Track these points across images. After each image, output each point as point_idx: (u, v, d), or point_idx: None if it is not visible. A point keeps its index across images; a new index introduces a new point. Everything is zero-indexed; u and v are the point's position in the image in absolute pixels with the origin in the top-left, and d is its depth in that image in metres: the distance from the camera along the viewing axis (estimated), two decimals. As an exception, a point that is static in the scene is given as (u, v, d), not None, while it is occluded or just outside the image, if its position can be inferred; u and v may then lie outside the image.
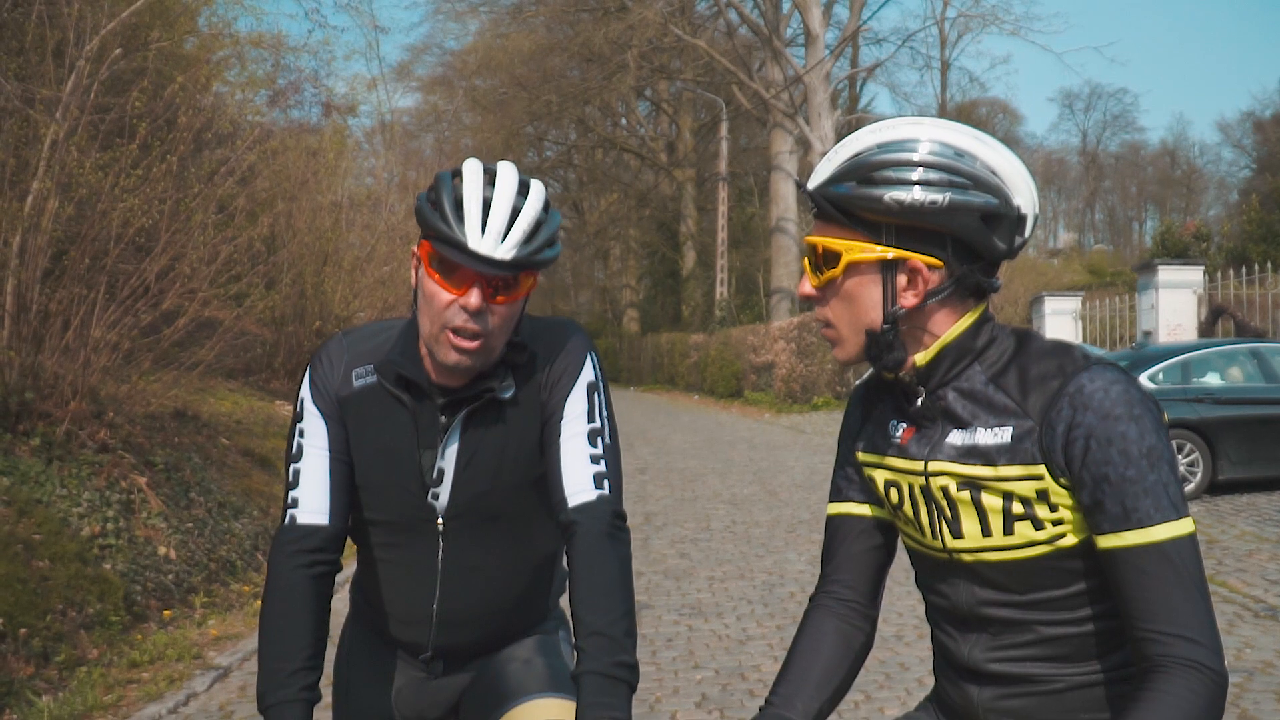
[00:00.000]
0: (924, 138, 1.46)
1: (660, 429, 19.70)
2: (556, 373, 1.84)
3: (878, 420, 1.62)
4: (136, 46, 9.17)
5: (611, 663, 1.62)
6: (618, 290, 47.80)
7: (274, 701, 1.69)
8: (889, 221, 1.44)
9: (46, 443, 6.80)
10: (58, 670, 5.15)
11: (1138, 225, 71.72)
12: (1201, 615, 1.37)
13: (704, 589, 7.11)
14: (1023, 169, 1.50)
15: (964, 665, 1.55)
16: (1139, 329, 18.89)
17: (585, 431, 1.80)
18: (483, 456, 1.83)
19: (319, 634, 1.76)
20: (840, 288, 1.50)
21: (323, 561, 1.79)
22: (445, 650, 1.93)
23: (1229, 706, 4.62)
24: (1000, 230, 1.46)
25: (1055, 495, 1.42)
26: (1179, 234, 32.65)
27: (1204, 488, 10.27)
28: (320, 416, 1.84)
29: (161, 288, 7.97)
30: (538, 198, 1.75)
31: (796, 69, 28.65)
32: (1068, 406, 1.39)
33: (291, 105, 16.90)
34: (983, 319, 1.51)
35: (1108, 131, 71.53)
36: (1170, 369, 10.82)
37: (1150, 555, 1.36)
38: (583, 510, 1.74)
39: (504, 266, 1.69)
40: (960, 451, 1.48)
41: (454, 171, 1.76)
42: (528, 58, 36.66)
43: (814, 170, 1.53)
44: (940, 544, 1.52)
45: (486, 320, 1.71)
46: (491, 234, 1.68)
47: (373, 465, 1.84)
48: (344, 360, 1.86)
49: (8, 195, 7.07)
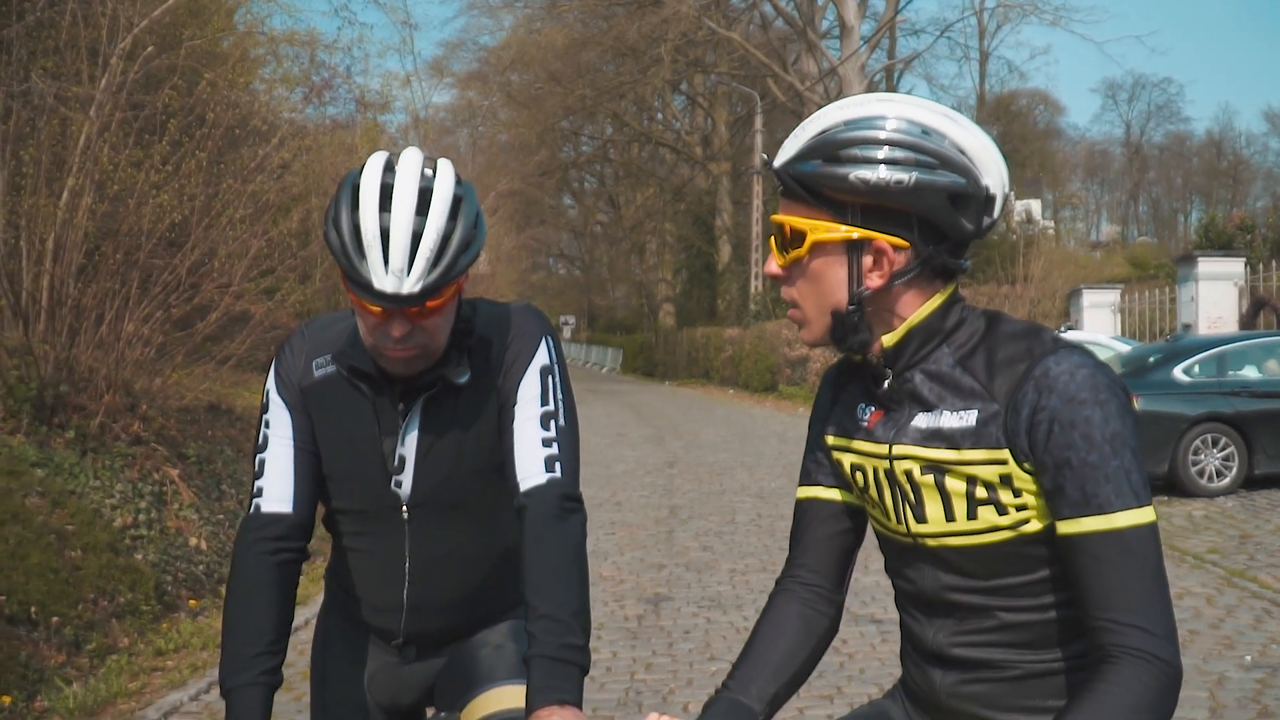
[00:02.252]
0: (891, 115, 1.43)
1: (692, 423, 19.70)
2: (511, 357, 1.83)
3: (846, 403, 1.61)
4: (170, 45, 9.30)
5: (559, 645, 1.61)
6: (653, 284, 47.76)
7: (233, 685, 1.71)
8: (855, 201, 1.42)
9: (81, 435, 6.93)
10: (89, 658, 5.26)
11: (1182, 217, 70.55)
12: (1157, 605, 1.34)
13: (725, 581, 7.12)
14: (993, 148, 1.47)
15: (929, 650, 1.54)
16: (1179, 322, 18.62)
17: (538, 415, 1.79)
18: (443, 443, 1.83)
19: (281, 620, 1.78)
20: (806, 268, 1.48)
21: (286, 549, 1.80)
22: (417, 636, 1.95)
23: (1249, 702, 4.58)
24: (968, 211, 1.43)
25: (1019, 480, 1.39)
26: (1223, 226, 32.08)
27: (1239, 482, 10.11)
28: (284, 407, 1.86)
29: (193, 282, 8.09)
30: (442, 202, 1.68)
31: (831, 61, 28.51)
32: (1033, 390, 1.37)
33: (326, 102, 17.04)
34: (952, 300, 1.49)
35: (1152, 122, 70.49)
36: (1206, 362, 10.66)
37: (1109, 542, 1.34)
38: (532, 494, 1.73)
39: (414, 299, 1.66)
40: (925, 435, 1.46)
41: (353, 182, 1.70)
42: (562, 52, 36.71)
43: (781, 147, 1.50)
44: (905, 528, 1.51)
45: (417, 336, 1.71)
46: (395, 271, 1.64)
47: (337, 454, 1.86)
48: (305, 350, 1.88)
49: (43, 192, 7.21)
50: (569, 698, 1.59)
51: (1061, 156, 64.49)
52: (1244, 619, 5.89)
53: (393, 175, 1.68)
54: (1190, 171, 69.95)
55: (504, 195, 32.09)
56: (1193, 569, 7.12)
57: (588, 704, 4.84)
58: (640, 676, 5.21)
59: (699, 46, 35.85)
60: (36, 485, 6.15)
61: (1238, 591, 6.51)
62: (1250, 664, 5.09)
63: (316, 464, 1.86)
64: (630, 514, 9.94)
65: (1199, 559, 7.40)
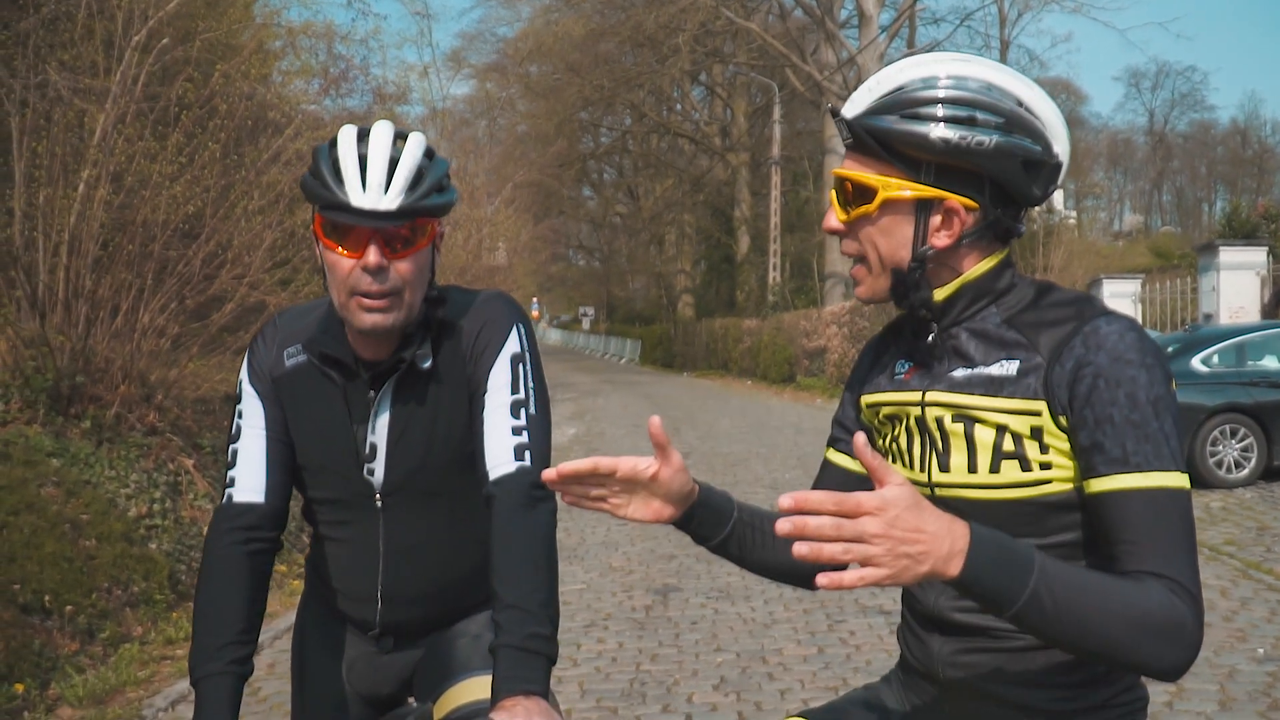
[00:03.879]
0: (970, 75, 1.43)
1: (709, 414, 19.68)
2: (482, 343, 1.82)
3: (885, 364, 1.62)
4: (186, 37, 9.34)
5: (525, 635, 1.60)
6: (672, 276, 47.71)
7: (203, 674, 1.71)
8: (930, 159, 1.42)
9: (96, 425, 6.99)
10: (102, 647, 5.30)
11: (1207, 207, 69.96)
12: (1191, 567, 1.33)
13: (734, 572, 7.08)
14: (1060, 116, 1.47)
15: (928, 614, 1.53)
16: (1200, 311, 18.46)
17: (508, 403, 1.77)
18: (413, 430, 1.83)
19: (252, 609, 1.78)
20: (873, 223, 1.47)
21: (258, 539, 1.81)
22: (393, 627, 1.95)
23: (1260, 695, 4.54)
24: (1039, 177, 1.44)
25: (1049, 435, 1.39)
26: (1248, 215, 31.75)
27: (1259, 473, 10.01)
28: (257, 397, 1.86)
29: (208, 273, 8.14)
30: (416, 145, 1.75)
31: (850, 51, 28.35)
32: (1080, 345, 1.38)
33: (343, 94, 17.09)
34: (1005, 263, 1.50)
35: (1176, 110, 69.93)
36: (1225, 351, 10.56)
37: (1145, 500, 1.33)
38: (501, 483, 1.71)
39: (392, 217, 1.68)
40: (959, 382, 1.47)
41: (330, 141, 1.75)
42: (580, 43, 36.67)
43: (851, 98, 1.49)
44: (926, 478, 1.50)
45: (390, 276, 1.71)
46: (373, 187, 1.68)
47: (310, 443, 1.86)
48: (276, 340, 1.89)
49: (59, 184, 7.26)
50: (535, 688, 1.57)
51: (1084, 145, 63.92)
52: (1258, 612, 5.84)
53: (369, 129, 1.75)
54: (1215, 160, 69.33)
55: (522, 186, 32.12)
56: (1209, 560, 7.06)
57: (592, 694, 4.87)
58: (646, 667, 5.21)
59: (717, 37, 35.74)
60: (52, 475, 6.21)
61: (1253, 584, 6.46)
62: (1263, 657, 5.05)
63: (290, 454, 1.86)
64: (644, 505, 9.90)
65: (1215, 550, 7.34)
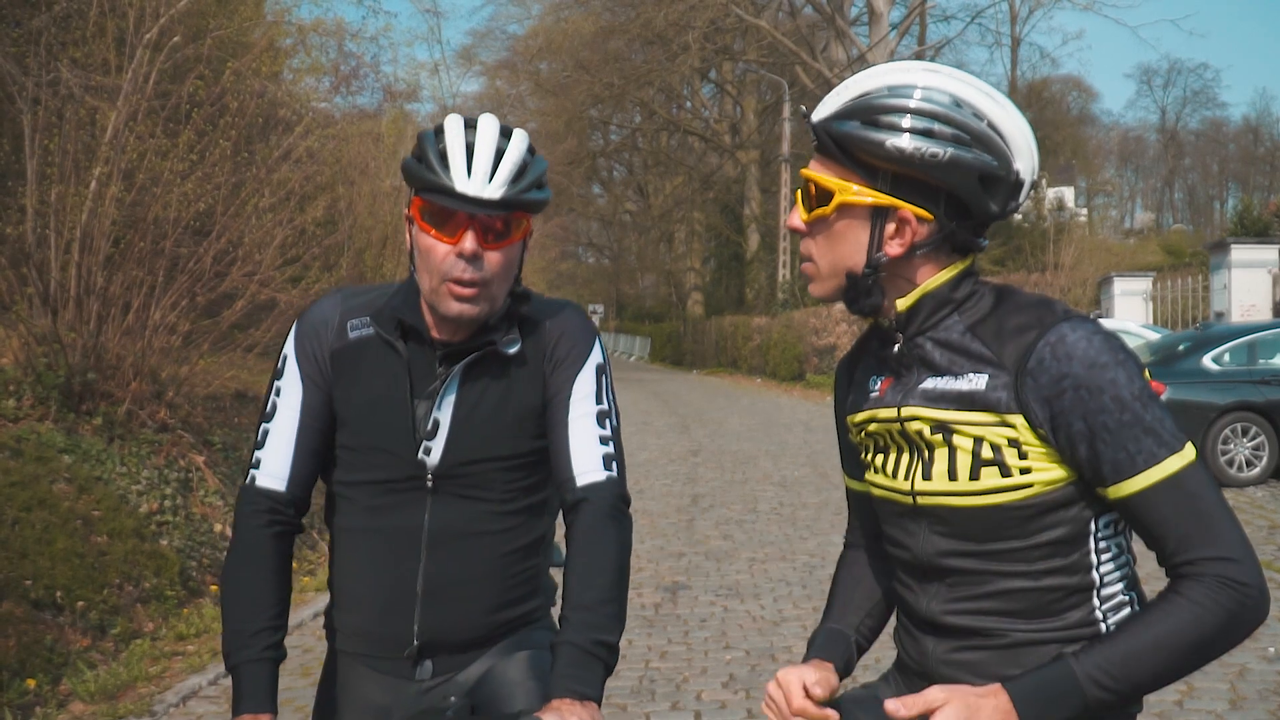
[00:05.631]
0: (935, 87, 1.44)
1: (718, 411, 19.68)
2: (565, 348, 1.83)
3: (859, 382, 1.64)
4: (197, 34, 9.36)
5: (592, 640, 1.62)
6: (682, 273, 47.68)
7: (239, 661, 1.72)
8: (886, 167, 1.43)
9: (108, 422, 7.02)
10: (113, 642, 5.33)
11: (1219, 204, 69.60)
12: (1231, 531, 1.36)
13: (744, 570, 7.11)
14: (1029, 133, 1.48)
15: (921, 617, 1.55)
16: (1211, 310, 18.39)
17: (594, 413, 1.80)
18: (482, 411, 1.80)
19: (281, 593, 1.78)
20: (829, 226, 1.49)
21: (280, 520, 1.80)
22: (431, 643, 1.81)
23: (1271, 694, 4.53)
24: (996, 193, 1.45)
25: (1027, 445, 1.41)
26: (1260, 213, 31.60)
27: (1270, 471, 9.99)
28: (299, 377, 1.82)
29: (219, 270, 8.16)
30: (521, 141, 1.76)
31: (860, 48, 28.31)
32: (1050, 358, 1.38)
33: (354, 91, 17.13)
34: (965, 273, 1.51)
35: (1188, 108, 69.56)
36: (1236, 350, 10.52)
37: (1166, 490, 1.35)
38: (592, 489, 1.74)
39: (494, 206, 1.70)
40: (932, 396, 1.48)
41: (436, 129, 1.77)
42: (590, 40, 36.66)
43: (822, 102, 1.51)
44: (909, 486, 1.51)
45: (483, 266, 1.72)
46: (478, 175, 1.70)
47: (362, 418, 1.81)
48: (338, 313, 1.85)
49: (71, 182, 7.29)
50: (591, 692, 1.58)
51: (1095, 143, 63.74)
52: (1270, 611, 5.81)
53: (476, 120, 1.77)
54: (1227, 158, 68.97)
55: (532, 184, 32.06)
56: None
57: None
58: (655, 665, 5.22)
59: (727, 34, 35.70)
60: (64, 471, 6.24)
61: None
62: (1273, 655, 5.04)
63: (322, 441, 1.83)
64: (652, 502, 9.95)
65: (1225, 550, 7.32)
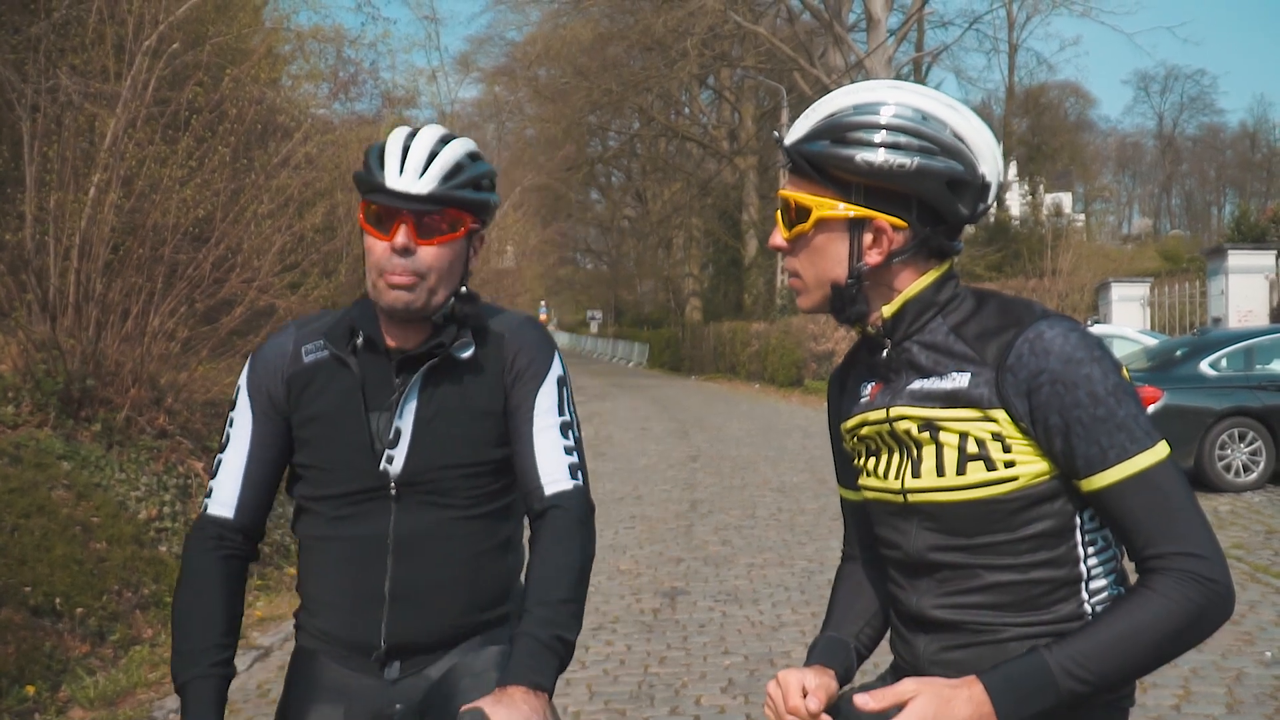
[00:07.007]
0: (896, 102, 1.52)
1: (717, 417, 19.68)
2: (525, 361, 1.88)
3: (850, 390, 1.70)
4: (196, 41, 9.38)
5: (551, 634, 1.67)
6: (680, 279, 47.71)
7: (186, 679, 1.73)
8: (858, 181, 1.51)
9: (107, 428, 7.03)
10: (112, 649, 5.33)
11: (1216, 210, 69.68)
12: (1200, 529, 1.40)
13: (742, 576, 7.11)
14: (991, 138, 1.55)
15: (912, 615, 1.59)
16: (1209, 315, 18.43)
17: (558, 424, 1.86)
18: (442, 419, 1.84)
19: (230, 614, 1.82)
20: (809, 242, 1.57)
21: (229, 546, 1.85)
22: (399, 646, 1.84)
23: (1267, 699, 4.54)
24: (964, 196, 1.52)
25: (1011, 439, 1.46)
26: (1257, 219, 31.65)
27: (1267, 477, 9.99)
28: (250, 409, 1.88)
29: (218, 276, 8.17)
30: (462, 144, 1.84)
31: (858, 54, 28.36)
32: (1028, 354, 1.44)
33: (352, 98, 17.15)
34: (946, 276, 1.57)
35: (1185, 114, 69.67)
36: (1234, 355, 10.54)
37: (1137, 485, 1.40)
38: (562, 496, 1.80)
39: (424, 201, 1.77)
40: (918, 395, 1.53)
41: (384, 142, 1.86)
42: (588, 47, 36.73)
43: (791, 127, 1.60)
44: (899, 485, 1.56)
45: (418, 260, 1.78)
46: (410, 172, 1.78)
47: (320, 437, 1.85)
48: (292, 341, 1.91)
49: (70, 188, 7.31)
50: (543, 682, 1.63)
51: (1092, 149, 63.78)
52: (1266, 615, 5.83)
53: (420, 127, 1.87)
54: (1224, 164, 69.07)
55: (530, 190, 32.16)
56: (1216, 565, 7.05)
57: (600, 696, 4.89)
58: (654, 670, 5.23)
59: (725, 40, 35.76)
60: (63, 478, 6.25)
61: (1261, 587, 6.45)
62: (1270, 660, 5.05)
63: (273, 469, 1.89)
64: (650, 508, 9.96)
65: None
